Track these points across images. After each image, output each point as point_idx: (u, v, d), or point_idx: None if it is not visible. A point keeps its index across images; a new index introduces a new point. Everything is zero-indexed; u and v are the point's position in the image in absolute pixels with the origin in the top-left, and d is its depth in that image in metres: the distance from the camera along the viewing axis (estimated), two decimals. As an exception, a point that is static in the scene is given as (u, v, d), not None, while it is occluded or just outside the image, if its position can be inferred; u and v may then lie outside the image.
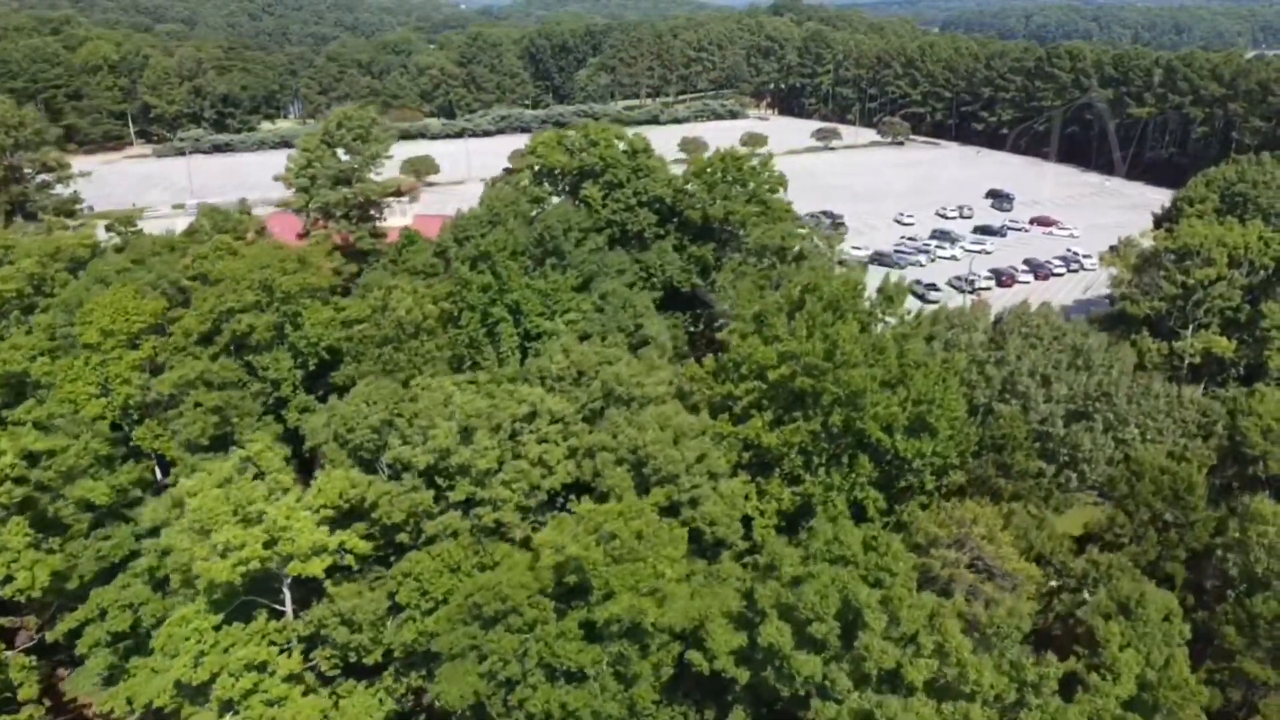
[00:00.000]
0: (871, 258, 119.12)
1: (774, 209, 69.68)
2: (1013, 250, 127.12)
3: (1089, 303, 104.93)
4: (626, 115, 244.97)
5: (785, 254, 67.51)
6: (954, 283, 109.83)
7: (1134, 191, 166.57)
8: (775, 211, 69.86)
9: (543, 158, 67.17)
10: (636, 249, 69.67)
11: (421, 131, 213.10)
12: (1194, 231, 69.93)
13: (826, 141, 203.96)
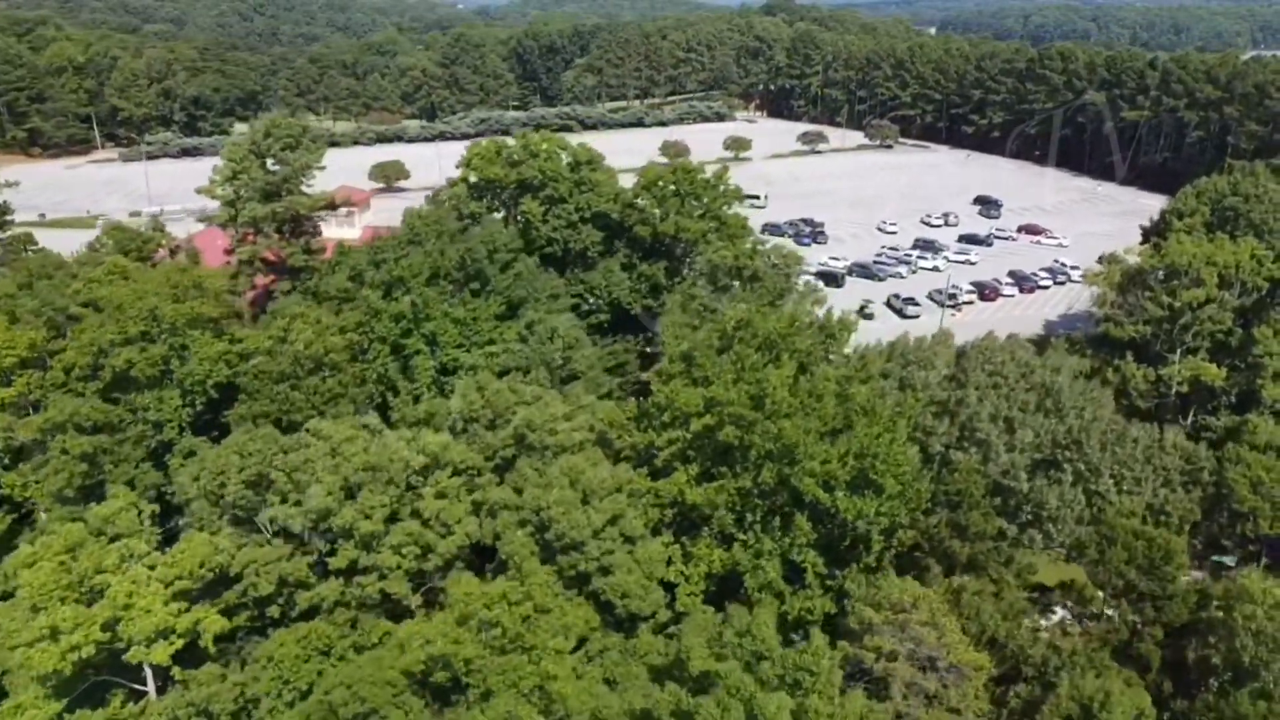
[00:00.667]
0: (850, 269, 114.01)
1: (729, 225, 64.56)
2: (998, 260, 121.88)
3: (1074, 318, 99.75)
4: (611, 117, 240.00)
5: (740, 274, 62.36)
6: (934, 296, 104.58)
7: (1127, 197, 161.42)
8: (730, 228, 64.75)
9: (478, 170, 62.04)
10: (580, 269, 64.58)
11: (399, 134, 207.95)
12: (1182, 250, 64.81)
13: (813, 145, 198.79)
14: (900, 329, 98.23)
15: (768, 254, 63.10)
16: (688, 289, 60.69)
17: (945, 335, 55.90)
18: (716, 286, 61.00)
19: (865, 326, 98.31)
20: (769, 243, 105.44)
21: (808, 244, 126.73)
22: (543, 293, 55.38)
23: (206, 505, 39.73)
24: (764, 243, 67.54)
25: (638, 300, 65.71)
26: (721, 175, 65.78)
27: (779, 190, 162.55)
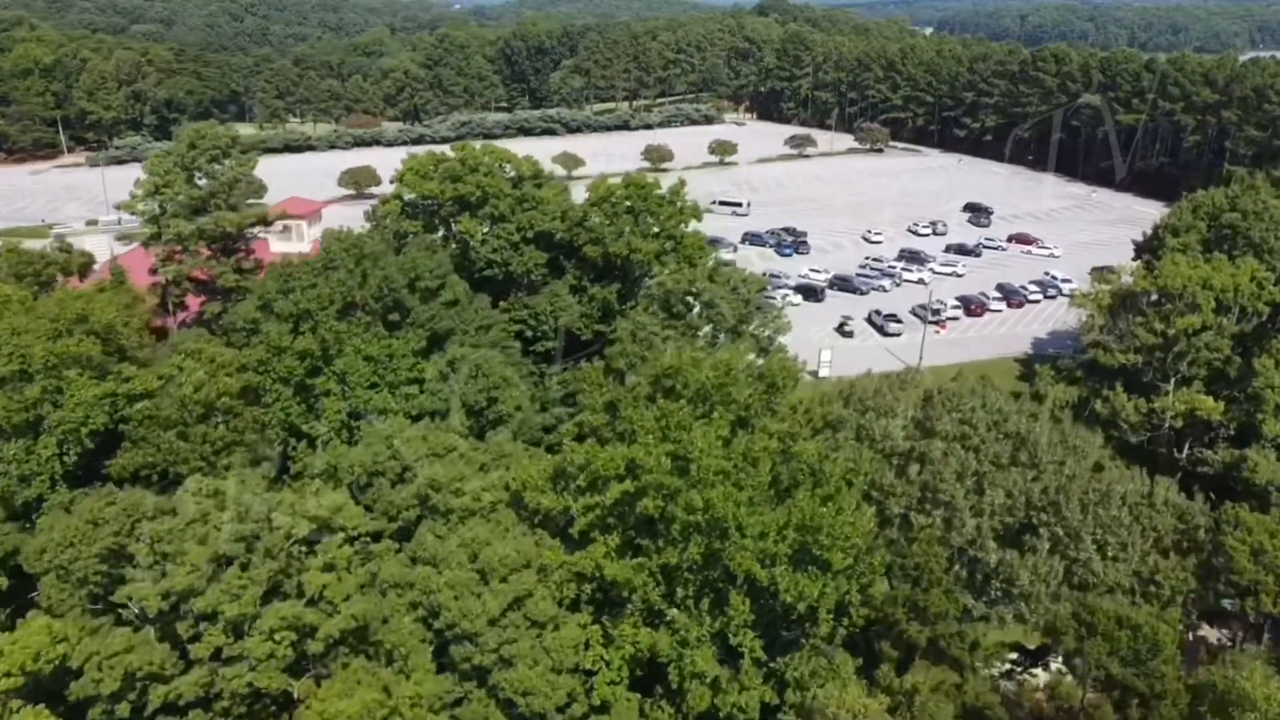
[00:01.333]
0: (831, 282, 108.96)
1: (686, 246, 59.45)
2: (987, 272, 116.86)
3: (1063, 335, 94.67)
4: (596, 120, 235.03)
5: (695, 300, 57.31)
6: (918, 312, 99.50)
7: (1122, 204, 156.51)
8: (687, 248, 59.62)
9: (412, 186, 56.93)
10: (524, 293, 59.47)
11: (377, 138, 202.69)
12: (1177, 271, 59.77)
13: (800, 149, 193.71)
14: (882, 347, 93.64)
15: (728, 277, 57.94)
16: (637, 317, 55.60)
17: (911, 375, 50.39)
18: (670, 314, 55.91)
19: (844, 345, 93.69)
20: (734, 260, 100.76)
21: (789, 254, 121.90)
22: (471, 324, 50.21)
23: (55, 582, 34.72)
24: (727, 262, 62.42)
25: (589, 326, 60.67)
26: (678, 191, 60.68)
27: (763, 197, 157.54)
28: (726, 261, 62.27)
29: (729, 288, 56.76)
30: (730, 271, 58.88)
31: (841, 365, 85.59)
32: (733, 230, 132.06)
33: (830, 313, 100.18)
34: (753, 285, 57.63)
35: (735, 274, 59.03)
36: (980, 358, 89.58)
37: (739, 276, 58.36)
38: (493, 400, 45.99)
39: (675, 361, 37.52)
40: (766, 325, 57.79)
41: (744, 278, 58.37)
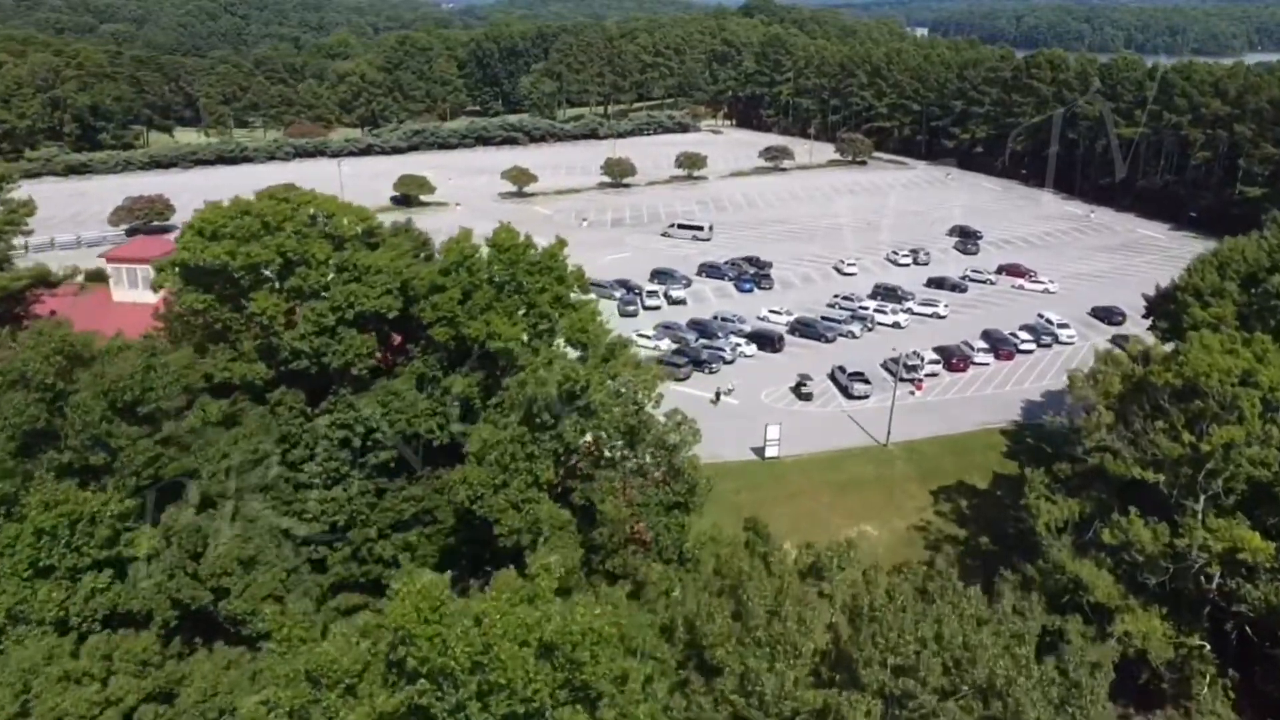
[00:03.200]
0: (793, 327, 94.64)
1: (568, 326, 45.10)
2: (972, 311, 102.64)
3: (1059, 398, 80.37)
4: (562, 129, 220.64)
5: (572, 402, 42.95)
6: (889, 366, 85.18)
7: (1124, 226, 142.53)
8: (571, 328, 45.27)
9: (191, 251, 42.50)
10: (350, 389, 45.02)
11: (321, 148, 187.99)
12: (1208, 360, 45.55)
13: (776, 162, 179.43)
14: (845, 414, 79.41)
15: (617, 374, 43.49)
16: (491, 431, 41.26)
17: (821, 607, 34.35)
18: (535, 425, 41.52)
19: (801, 412, 79.47)
20: (646, 343, 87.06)
21: (749, 289, 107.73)
22: (217, 462, 35.81)
23: None
24: (623, 344, 47.98)
25: (443, 428, 46.35)
26: (555, 253, 46.21)
27: (730, 218, 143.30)
28: (622, 344, 47.73)
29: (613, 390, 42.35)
30: (621, 363, 44.38)
31: (796, 439, 71.54)
32: (691, 259, 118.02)
33: (789, 366, 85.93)
34: (651, 383, 43.16)
35: (628, 362, 44.56)
36: (960, 429, 75.43)
37: (635, 369, 43.90)
38: (220, 590, 31.48)
39: (488, 616, 22.68)
40: (668, 434, 43.41)
41: (644, 375, 43.91)
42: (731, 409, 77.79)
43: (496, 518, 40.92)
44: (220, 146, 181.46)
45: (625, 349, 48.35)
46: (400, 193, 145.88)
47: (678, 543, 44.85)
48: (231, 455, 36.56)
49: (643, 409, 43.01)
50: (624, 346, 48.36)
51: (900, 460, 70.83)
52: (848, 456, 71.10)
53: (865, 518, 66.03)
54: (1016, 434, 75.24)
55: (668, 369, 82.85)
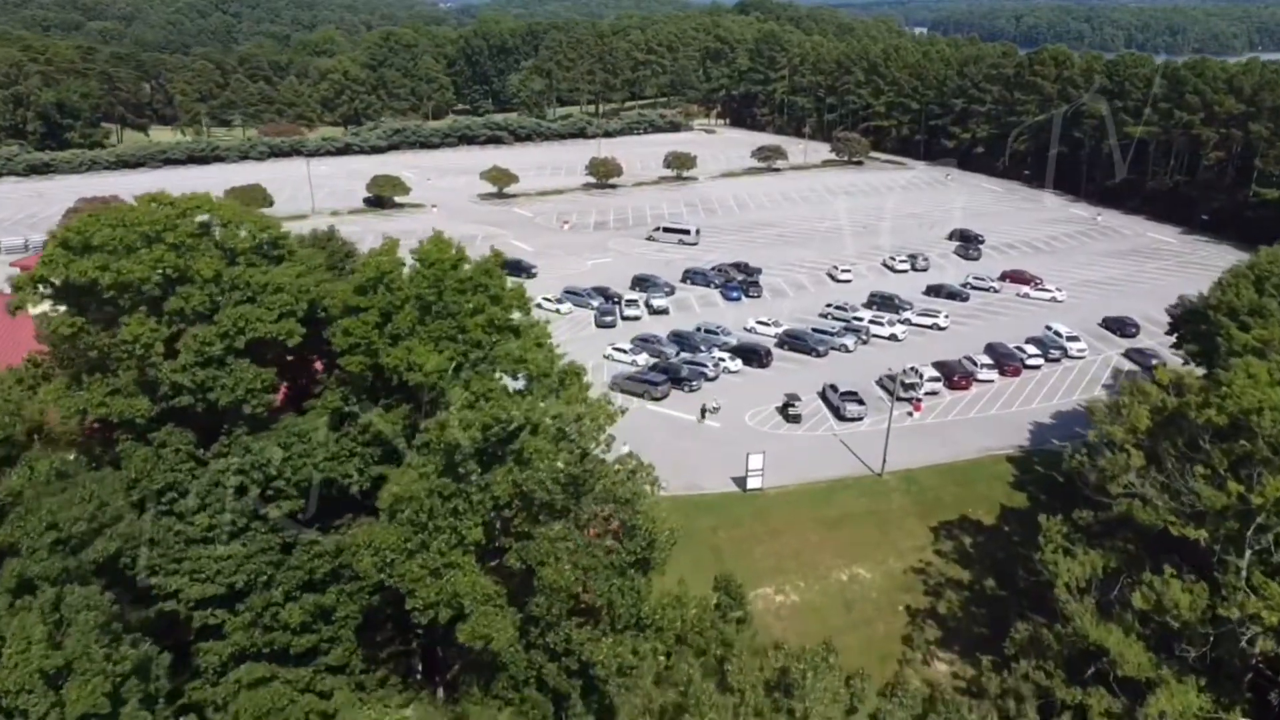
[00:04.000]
0: (782, 340, 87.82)
1: (500, 355, 38.23)
2: (975, 322, 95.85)
3: (1070, 420, 73.62)
4: (549, 127, 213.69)
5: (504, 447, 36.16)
6: (885, 383, 78.40)
7: (1133, 230, 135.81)
8: (505, 357, 38.40)
9: (51, 266, 35.64)
10: (247, 430, 38.19)
11: (297, 147, 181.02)
12: (1255, 394, 38.76)
13: (769, 162, 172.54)
14: (837, 439, 72.25)
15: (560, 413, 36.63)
16: (405, 483, 34.43)
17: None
18: (457, 476, 34.71)
19: (790, 435, 72.62)
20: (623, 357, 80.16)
21: (736, 298, 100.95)
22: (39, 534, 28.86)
23: None
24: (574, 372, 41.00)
25: (364, 472, 39.52)
26: (490, 269, 39.32)
27: (719, 221, 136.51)
28: (574, 372, 40.77)
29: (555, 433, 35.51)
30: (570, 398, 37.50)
31: (782, 467, 64.72)
32: (676, 264, 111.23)
33: (776, 383, 79.15)
34: (600, 421, 36.33)
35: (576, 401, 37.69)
36: (963, 456, 68.59)
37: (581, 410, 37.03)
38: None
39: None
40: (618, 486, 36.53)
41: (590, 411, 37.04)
42: (712, 433, 71.00)
43: (410, 588, 34.09)
44: (191, 146, 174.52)
45: (578, 378, 41.40)
46: (373, 194, 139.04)
47: (634, 609, 37.98)
48: (61, 524, 29.68)
49: (588, 455, 36.05)
50: (576, 376, 41.38)
51: (897, 492, 64.03)
52: (839, 487, 64.28)
53: (857, 558, 59.27)
54: (1024, 461, 68.46)
55: (644, 386, 76.20)
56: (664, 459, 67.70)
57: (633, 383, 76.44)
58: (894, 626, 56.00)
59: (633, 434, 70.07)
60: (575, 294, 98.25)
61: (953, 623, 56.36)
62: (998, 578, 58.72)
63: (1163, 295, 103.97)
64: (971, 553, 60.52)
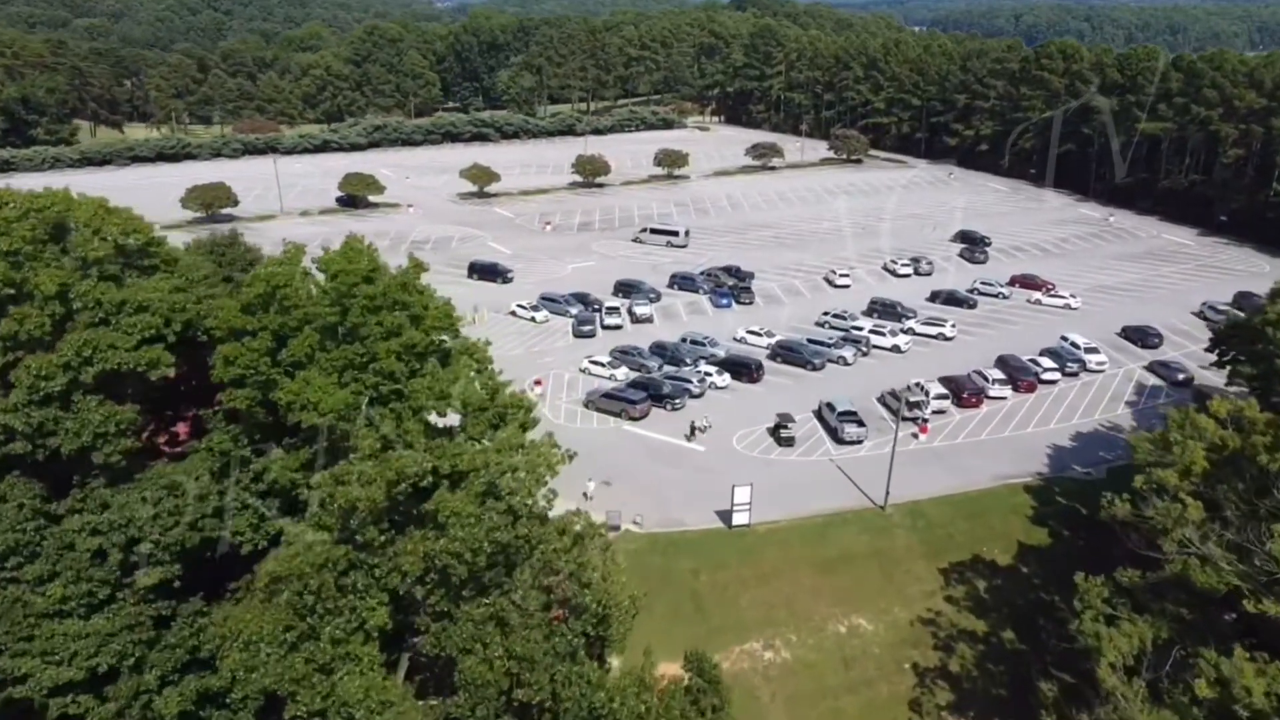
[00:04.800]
0: (774, 351, 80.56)
1: (416, 390, 30.99)
2: (983, 332, 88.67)
3: (1092, 442, 66.46)
4: (536, 124, 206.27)
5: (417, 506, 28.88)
6: (888, 400, 71.23)
7: (1147, 231, 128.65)
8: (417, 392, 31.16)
9: None
10: (105, 482, 30.98)
11: (272, 145, 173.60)
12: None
13: (765, 160, 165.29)
14: (834, 464, 64.93)
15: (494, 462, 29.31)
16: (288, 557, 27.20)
17: None
18: (360, 545, 27.46)
19: (782, 461, 65.43)
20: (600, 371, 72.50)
21: (726, 305, 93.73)
22: None
23: None
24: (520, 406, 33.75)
25: (258, 529, 32.31)
26: (408, 282, 32.10)
27: (711, 222, 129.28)
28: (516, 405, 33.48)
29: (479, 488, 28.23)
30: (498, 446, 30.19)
31: (773, 498, 57.54)
32: (663, 268, 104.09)
33: (768, 401, 71.96)
34: (534, 473, 29.05)
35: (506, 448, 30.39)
36: (974, 485, 61.34)
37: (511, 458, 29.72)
38: None
39: None
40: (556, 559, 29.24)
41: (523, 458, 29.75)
42: (695, 458, 63.75)
43: (291, 690, 26.82)
44: (160, 143, 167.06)
45: (522, 412, 34.12)
46: (346, 193, 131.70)
47: (584, 700, 30.74)
48: None
49: (520, 519, 28.75)
50: (520, 409, 34.11)
51: (901, 528, 56.80)
52: (836, 522, 57.03)
53: (857, 606, 52.08)
54: (1043, 491, 61.23)
55: (621, 404, 68.95)
56: (641, 488, 60.66)
57: (609, 400, 69.21)
58: (900, 687, 48.84)
59: (607, 459, 62.99)
60: (552, 301, 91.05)
61: (967, 683, 49.21)
62: (1017, 629, 51.64)
63: (1184, 301, 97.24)
64: (987, 599, 53.33)
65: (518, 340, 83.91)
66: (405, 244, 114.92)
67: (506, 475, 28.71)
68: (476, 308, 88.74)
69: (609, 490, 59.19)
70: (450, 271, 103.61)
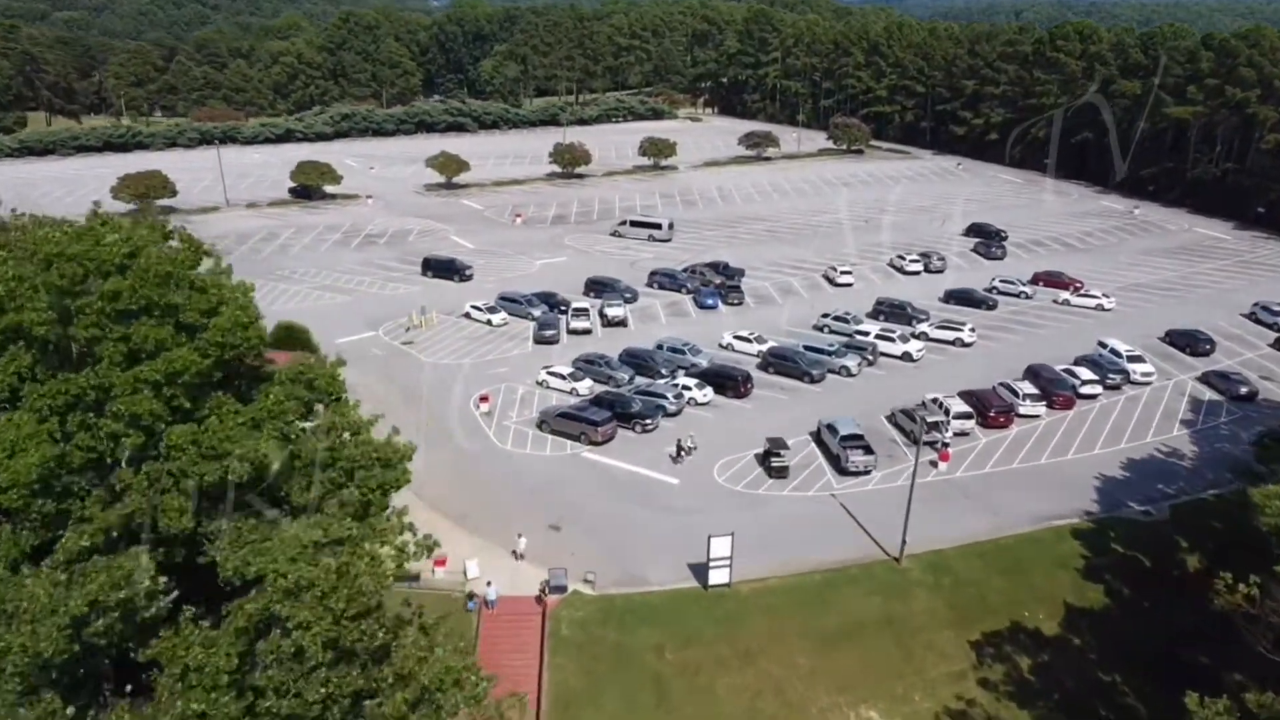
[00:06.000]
0: (765, 360, 69.03)
1: (174, 448, 19.27)
2: (1006, 337, 77.24)
3: (1149, 471, 54.93)
4: (517, 114, 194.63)
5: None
6: (899, 420, 59.73)
7: (1177, 224, 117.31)
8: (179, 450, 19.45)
9: None
10: None
11: (231, 134, 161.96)
12: None
13: (759, 150, 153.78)
14: (836, 500, 53.07)
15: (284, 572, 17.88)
16: None
17: None
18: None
19: (773, 497, 53.99)
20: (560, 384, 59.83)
21: (712, 305, 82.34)
22: None
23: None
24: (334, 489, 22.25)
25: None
26: (180, 266, 20.58)
27: (699, 214, 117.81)
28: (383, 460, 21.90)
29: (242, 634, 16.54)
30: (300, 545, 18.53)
31: (759, 548, 46.13)
32: (644, 264, 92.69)
33: (757, 420, 60.52)
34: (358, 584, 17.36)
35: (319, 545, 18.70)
36: (1009, 528, 49.79)
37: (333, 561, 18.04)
38: None
39: None
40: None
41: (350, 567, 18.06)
42: (666, 494, 52.25)
43: None
44: (108, 132, 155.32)
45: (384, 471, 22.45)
46: (299, 184, 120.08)
47: None
48: None
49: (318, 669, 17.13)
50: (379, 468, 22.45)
51: (922, 588, 45.25)
52: (840, 580, 45.51)
53: (867, 693, 40.55)
54: (1094, 535, 49.73)
55: (581, 426, 57.50)
56: (597, 533, 49.17)
57: (566, 421, 57.68)
58: (924, 808, 37.42)
59: (559, 494, 51.37)
60: (512, 301, 79.54)
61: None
62: (1072, 722, 40.18)
63: (1230, 301, 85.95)
64: (1032, 681, 41.81)
65: (469, 347, 72.45)
66: (358, 238, 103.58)
67: (292, 605, 17.16)
68: (424, 309, 77.33)
69: (558, 537, 47.70)
70: (403, 268, 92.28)
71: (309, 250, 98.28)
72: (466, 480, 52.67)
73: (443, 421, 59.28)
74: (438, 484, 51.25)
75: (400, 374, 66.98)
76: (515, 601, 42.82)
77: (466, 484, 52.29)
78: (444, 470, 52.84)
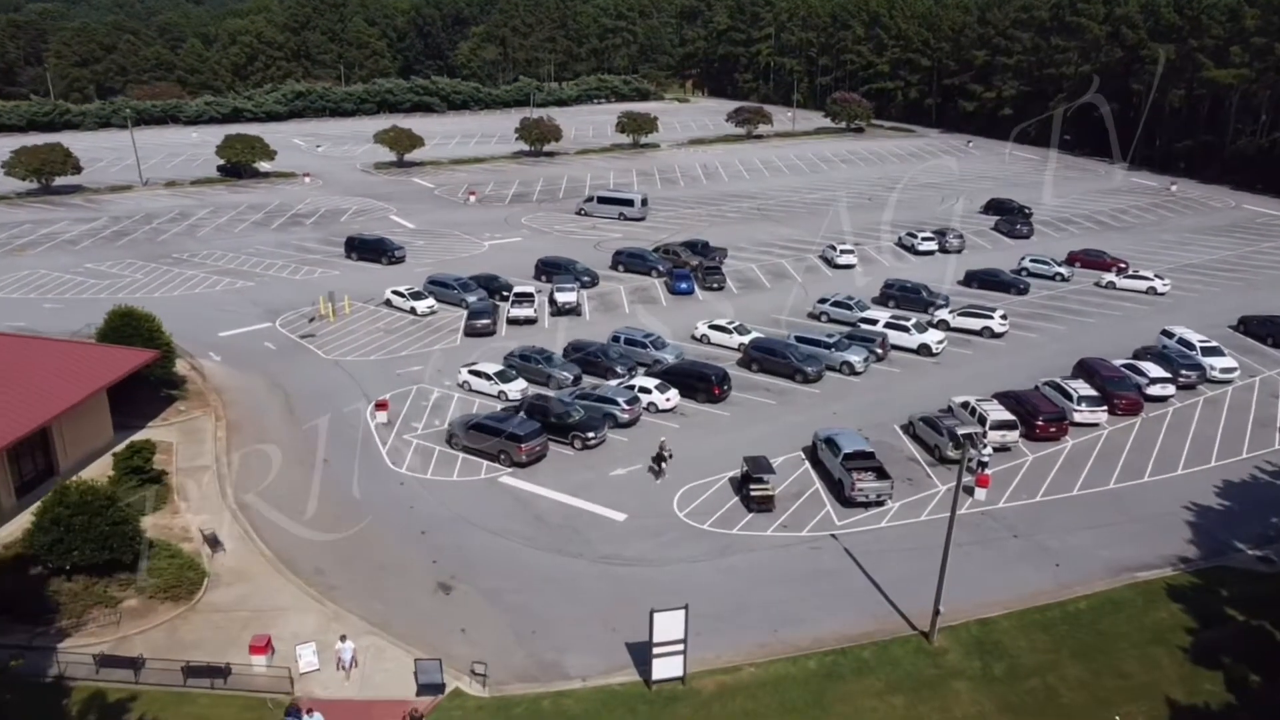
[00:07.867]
0: (749, 355, 55.01)
1: None
2: (1046, 327, 63.33)
3: (1264, 499, 40.96)
4: (489, 94, 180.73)
5: None
6: (921, 434, 45.73)
7: (1220, 200, 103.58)
8: None
9: None
10: None
11: (173, 113, 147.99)
12: None
13: (749, 127, 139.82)
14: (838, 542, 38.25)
15: None
16: None
17: None
18: None
19: (753, 538, 39.39)
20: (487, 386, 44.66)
21: (687, 290, 68.25)
22: None
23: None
24: None
25: None
26: None
27: (680, 193, 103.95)
28: None
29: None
30: None
31: (731, 618, 32.11)
32: (610, 245, 78.91)
33: (735, 434, 46.64)
34: None
35: None
36: (1077, 585, 35.69)
37: None
38: None
39: None
40: None
41: None
42: (604, 535, 38.21)
43: None
44: (32, 110, 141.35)
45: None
46: (228, 160, 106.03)
47: None
48: None
49: None
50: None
51: (965, 679, 31.07)
52: (845, 670, 31.42)
53: None
54: (1199, 592, 35.68)
55: (501, 442, 43.61)
56: (503, 600, 34.77)
57: (481, 435, 43.64)
58: None
59: (458, 536, 36.10)
60: (442, 285, 65.58)
61: None
62: None
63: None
64: (1133, 829, 27.73)
65: (383, 341, 58.50)
66: (282, 218, 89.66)
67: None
68: (332, 295, 63.34)
69: (445, 604, 33.69)
70: (324, 250, 78.42)
71: (220, 232, 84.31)
72: (336, 518, 38.65)
73: (321, 435, 45.33)
74: (294, 523, 37.36)
75: (290, 375, 53.07)
76: (361, 709, 28.80)
77: (334, 523, 38.26)
78: (309, 503, 38.96)
